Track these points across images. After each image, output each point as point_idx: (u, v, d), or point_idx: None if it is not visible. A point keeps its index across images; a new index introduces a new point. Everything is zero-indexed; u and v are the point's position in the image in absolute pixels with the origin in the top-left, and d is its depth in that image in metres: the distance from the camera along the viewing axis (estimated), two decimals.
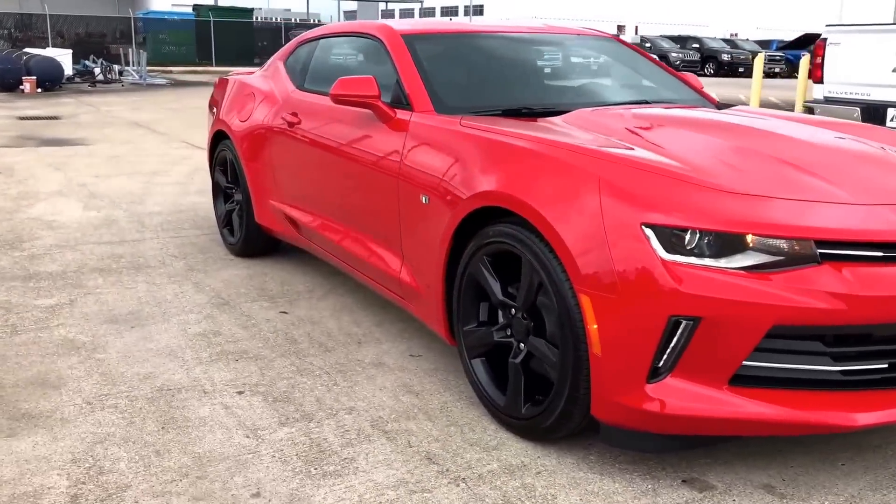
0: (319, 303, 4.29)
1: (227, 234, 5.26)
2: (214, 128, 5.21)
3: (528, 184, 2.69)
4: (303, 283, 4.63)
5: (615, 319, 2.43)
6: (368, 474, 2.62)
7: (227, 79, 5.51)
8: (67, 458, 2.68)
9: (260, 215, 4.81)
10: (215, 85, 5.67)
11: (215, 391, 3.21)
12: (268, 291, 4.48)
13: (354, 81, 3.56)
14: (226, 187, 5.23)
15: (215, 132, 5.21)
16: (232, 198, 5.21)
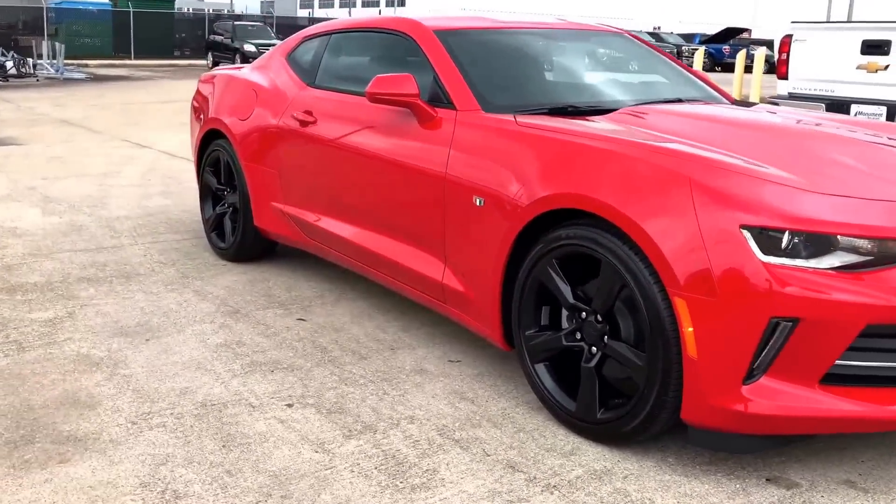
0: (335, 308, 4.21)
1: (216, 239, 5.10)
2: (206, 127, 5.04)
3: (613, 186, 2.68)
4: (309, 289, 4.53)
5: (713, 322, 2.45)
6: (458, 485, 2.58)
7: (215, 74, 5.34)
8: (135, 483, 2.56)
9: (260, 218, 4.68)
10: (200, 81, 5.49)
11: (263, 405, 3.11)
12: (276, 298, 4.36)
13: (393, 80, 3.50)
14: (217, 189, 5.07)
15: (207, 131, 5.04)
16: (222, 200, 5.05)
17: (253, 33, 27.88)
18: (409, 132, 3.58)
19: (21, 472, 2.60)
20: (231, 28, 28.01)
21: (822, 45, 7.41)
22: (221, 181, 5.00)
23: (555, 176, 2.87)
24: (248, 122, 4.64)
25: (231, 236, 4.93)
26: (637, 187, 2.63)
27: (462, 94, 3.48)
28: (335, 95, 4.17)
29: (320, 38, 4.60)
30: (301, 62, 4.65)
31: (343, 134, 3.97)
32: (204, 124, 5.08)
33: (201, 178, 5.18)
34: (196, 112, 5.36)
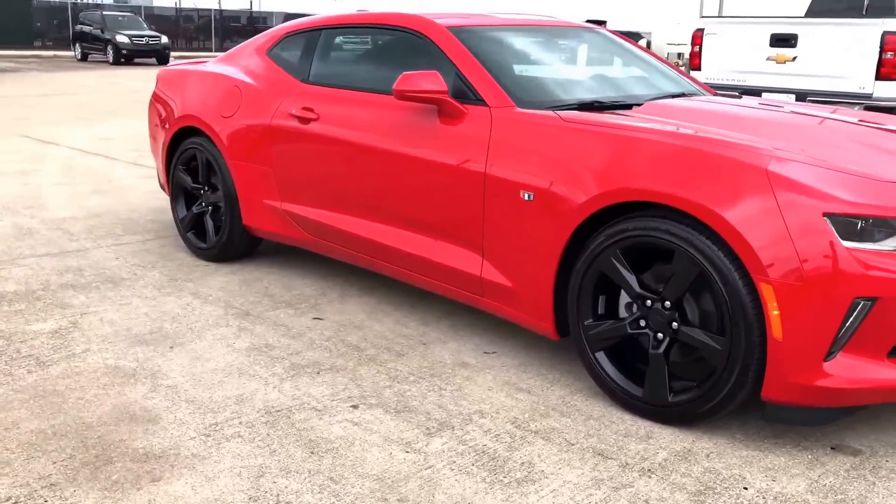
0: (344, 306, 4.13)
1: (194, 239, 4.89)
2: (178, 124, 4.81)
3: (688, 179, 2.76)
4: (308, 287, 4.42)
5: (799, 305, 2.58)
6: (559, 476, 2.61)
7: (179, 70, 5.10)
8: (244, 498, 2.45)
9: (249, 216, 4.52)
10: (162, 77, 5.22)
11: (328, 408, 3.03)
12: (279, 298, 4.24)
13: (420, 76, 3.46)
14: (192, 188, 4.85)
15: (179, 129, 4.81)
16: (199, 200, 4.85)
17: (124, 24, 26.54)
18: (435, 129, 3.55)
19: (116, 493, 2.44)
20: (100, 18, 26.53)
21: (732, 38, 7.79)
22: (198, 180, 4.79)
23: (621, 170, 2.92)
24: (234, 120, 4.46)
25: (213, 236, 4.74)
26: (714, 180, 2.72)
27: (493, 91, 3.48)
28: (340, 92, 4.08)
29: (307, 34, 4.47)
30: (286, 58, 4.51)
31: (355, 131, 3.89)
32: (175, 122, 4.84)
33: (172, 178, 4.95)
34: (159, 109, 5.11)
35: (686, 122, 3.22)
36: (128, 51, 25.40)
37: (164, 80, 5.14)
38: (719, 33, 7.90)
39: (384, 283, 4.46)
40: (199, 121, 4.65)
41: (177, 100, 4.90)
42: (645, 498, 2.50)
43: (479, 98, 3.49)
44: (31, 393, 3.09)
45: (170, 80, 5.08)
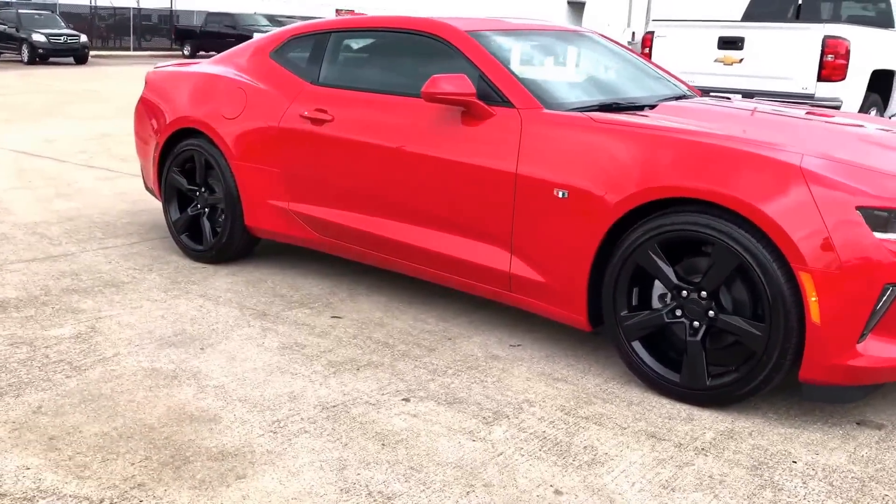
0: (358, 305, 4.21)
1: (188, 241, 4.87)
2: (174, 126, 4.78)
3: (729, 177, 2.96)
4: (314, 287, 4.47)
5: (836, 291, 2.82)
6: (624, 457, 2.78)
7: (173, 72, 5.06)
8: (335, 490, 2.53)
9: (252, 217, 4.54)
10: (150, 81, 5.17)
11: (381, 402, 3.13)
12: (290, 298, 4.28)
13: (448, 79, 3.57)
14: (188, 190, 4.83)
15: (175, 131, 4.79)
16: (193, 202, 4.83)
17: (41, 22, 25.52)
18: (461, 130, 3.67)
19: (207, 491, 2.49)
20: (15, 17, 25.43)
21: (682, 40, 8.15)
22: (195, 182, 4.77)
23: (662, 168, 3.11)
24: (239, 121, 4.48)
25: (211, 237, 4.74)
26: (752, 178, 2.94)
27: (519, 93, 3.63)
28: (355, 94, 4.15)
29: (315, 37, 4.52)
30: (292, 60, 4.55)
31: (374, 132, 3.97)
32: (170, 124, 4.81)
33: (165, 180, 4.91)
34: (149, 111, 5.06)
35: (707, 123, 3.43)
36: (44, 50, 24.43)
37: (155, 83, 5.09)
38: (669, 36, 8.25)
39: (390, 282, 4.56)
40: (199, 122, 4.63)
41: (172, 102, 4.87)
42: (708, 474, 2.69)
43: (506, 100, 3.63)
44: (78, 397, 3.07)
45: (162, 82, 5.04)
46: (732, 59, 7.91)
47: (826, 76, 7.45)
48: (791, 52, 7.61)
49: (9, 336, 3.63)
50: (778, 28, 7.81)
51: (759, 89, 7.35)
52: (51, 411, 2.96)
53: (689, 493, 2.58)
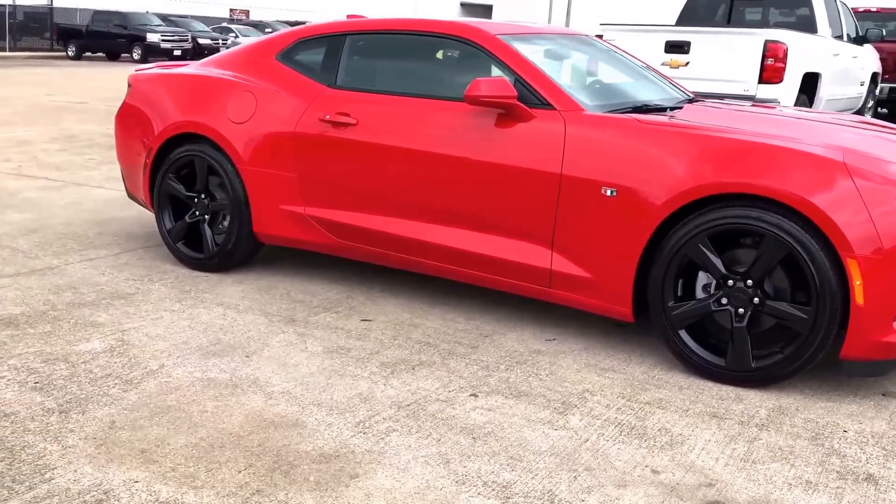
0: (381, 307, 4.31)
1: (186, 250, 4.84)
2: (172, 131, 4.74)
3: (779, 173, 3.24)
4: (328, 291, 4.54)
5: (878, 275, 3.14)
6: (698, 436, 3.01)
7: (164, 75, 5.00)
8: (450, 482, 2.65)
9: (261, 223, 4.57)
10: (135, 84, 5.10)
11: (452, 399, 3.26)
12: (310, 303, 4.35)
13: (490, 83, 3.74)
14: (186, 197, 4.81)
15: (172, 136, 4.76)
16: (190, 209, 4.82)
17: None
18: (498, 132, 3.83)
19: (328, 491, 2.57)
20: None
21: (630, 44, 8.54)
22: (196, 187, 4.76)
23: (713, 166, 3.36)
24: (250, 126, 4.51)
25: (213, 245, 4.73)
26: (800, 173, 3.23)
27: (559, 96, 3.82)
28: (380, 97, 4.24)
29: (327, 39, 4.58)
30: (304, 62, 4.60)
31: (405, 135, 4.08)
32: (166, 129, 4.78)
33: (158, 187, 4.87)
34: (137, 117, 5.00)
35: (738, 124, 3.72)
36: None
37: (143, 86, 5.03)
38: (616, 39, 8.63)
39: (401, 283, 4.67)
40: (201, 126, 4.62)
41: (166, 106, 4.83)
42: (777, 446, 2.96)
43: (546, 102, 3.82)
44: (147, 411, 3.08)
45: (151, 86, 4.98)
46: (679, 63, 8.35)
47: (767, 78, 7.98)
48: (734, 56, 8.11)
49: (38, 353, 3.57)
50: (722, 33, 8.30)
51: (705, 91, 7.80)
52: (127, 425, 2.96)
53: (769, 463, 2.84)
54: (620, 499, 2.59)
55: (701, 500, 2.59)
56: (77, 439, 2.84)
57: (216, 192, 4.74)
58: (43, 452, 2.75)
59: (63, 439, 2.84)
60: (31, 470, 2.64)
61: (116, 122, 5.22)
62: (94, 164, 8.39)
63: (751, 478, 2.74)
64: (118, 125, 5.20)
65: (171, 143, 4.83)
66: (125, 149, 5.15)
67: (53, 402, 3.11)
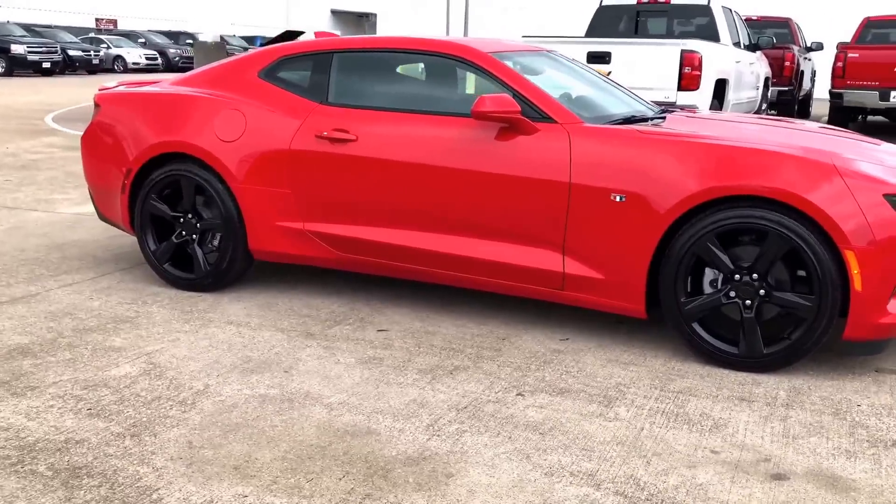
0: (390, 317, 4.46)
1: (174, 271, 4.86)
2: (154, 150, 4.73)
3: (780, 176, 3.62)
4: (330, 304, 4.66)
5: (873, 263, 3.55)
6: (737, 419, 3.34)
7: (138, 94, 4.98)
8: (540, 474, 2.87)
9: (258, 240, 4.65)
10: (105, 104, 5.05)
11: (501, 399, 3.47)
12: (317, 317, 4.45)
13: (495, 99, 3.98)
14: (172, 217, 4.82)
15: (155, 156, 4.76)
16: (176, 229, 4.83)
17: None
18: (501, 145, 4.08)
19: (433, 490, 2.75)
20: None
21: None
22: (183, 207, 4.78)
23: (720, 171, 3.71)
24: (240, 144, 4.58)
25: (206, 264, 4.77)
26: (798, 175, 3.62)
27: (558, 110, 4.10)
28: (378, 114, 4.41)
29: (313, 57, 4.70)
30: (290, 80, 4.71)
31: (409, 150, 4.26)
32: (147, 149, 4.77)
33: (140, 209, 4.86)
34: (110, 136, 4.97)
35: (725, 132, 4.10)
36: None
37: (115, 106, 4.99)
38: None
39: (401, 293, 4.84)
40: (187, 146, 4.65)
41: (144, 125, 4.82)
42: (807, 422, 3.32)
43: (546, 116, 4.09)
44: (217, 430, 3.15)
45: (125, 106, 4.95)
46: (602, 72, 8.81)
47: (685, 86, 8.55)
48: (654, 65, 8.65)
49: (73, 381, 3.56)
50: (641, 44, 8.84)
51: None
52: (206, 444, 3.03)
53: (808, 438, 3.19)
54: (696, 477, 2.87)
55: (765, 474, 2.91)
56: (164, 460, 2.90)
57: (203, 212, 4.77)
58: (138, 475, 2.80)
59: (150, 461, 2.89)
60: (135, 493, 2.69)
61: (84, 144, 5.16)
62: (14, 185, 8.11)
63: (798, 451, 3.08)
64: (87, 146, 5.14)
65: (152, 164, 4.83)
66: (97, 171, 5.10)
67: (119, 427, 3.14)
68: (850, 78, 12.70)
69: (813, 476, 2.90)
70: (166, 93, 4.93)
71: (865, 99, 12.65)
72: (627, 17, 11.11)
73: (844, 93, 12.82)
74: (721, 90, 9.54)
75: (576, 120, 4.08)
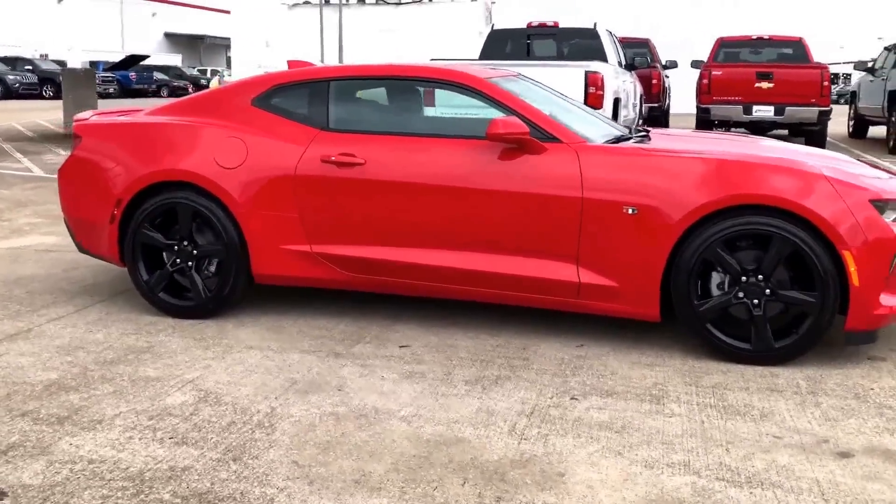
0: (402, 333, 4.55)
1: (169, 299, 4.77)
2: (149, 180, 4.65)
3: (781, 186, 4.01)
4: (339, 323, 4.69)
5: (866, 261, 3.99)
6: (779, 407, 3.67)
7: (122, 123, 4.87)
8: (642, 467, 3.08)
9: (262, 265, 4.64)
10: (87, 134, 4.89)
11: (559, 404, 3.66)
12: (334, 337, 4.49)
13: (507, 122, 4.22)
14: (166, 245, 4.73)
15: (152, 184, 4.67)
16: (170, 257, 4.75)
17: None
18: (515, 163, 4.30)
19: (556, 489, 2.90)
20: None
21: None
22: (180, 235, 4.71)
23: (727, 182, 4.06)
24: (243, 170, 4.59)
25: (205, 291, 4.71)
26: (796, 185, 4.03)
27: (562, 131, 4.38)
28: (384, 138, 4.54)
29: (309, 84, 4.76)
30: (286, 107, 4.76)
31: (419, 171, 4.41)
32: (140, 178, 4.68)
33: (132, 238, 4.75)
34: (96, 167, 4.84)
35: (714, 147, 4.49)
36: None
37: (100, 136, 4.87)
38: None
39: (402, 309, 4.92)
40: (187, 174, 4.62)
41: (135, 155, 4.74)
42: (840, 407, 3.69)
43: (552, 136, 4.35)
44: (313, 449, 3.18)
45: (112, 136, 4.84)
46: None
47: (591, 104, 9.05)
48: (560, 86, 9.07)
49: (133, 411, 3.48)
50: (547, 66, 9.29)
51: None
52: (313, 463, 3.06)
53: (847, 420, 3.55)
54: (776, 460, 3.17)
55: (831, 453, 3.24)
56: (283, 480, 2.92)
57: (198, 238, 4.73)
58: (268, 496, 2.81)
59: (270, 482, 2.91)
60: None
61: (63, 176, 5.01)
62: None
63: (846, 431, 3.44)
64: (66, 179, 5.00)
65: (143, 193, 4.73)
66: (80, 203, 4.95)
67: (214, 453, 3.12)
68: (716, 94, 13.77)
69: (872, 452, 3.25)
70: (156, 122, 4.86)
71: (731, 113, 13.75)
72: (518, 40, 11.60)
73: (711, 108, 13.87)
74: (616, 108, 10.15)
75: (580, 140, 4.36)
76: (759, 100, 13.57)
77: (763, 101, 13.54)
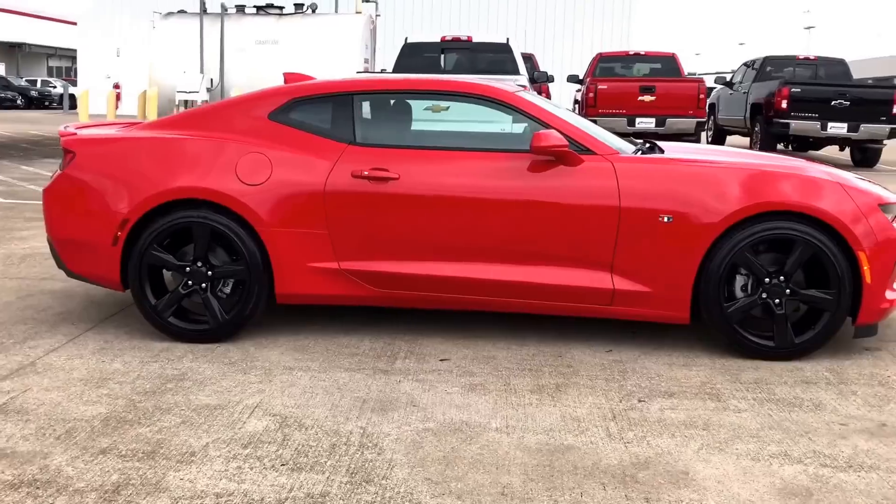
0: (434, 346, 4.57)
1: (179, 323, 4.57)
2: (161, 198, 4.44)
3: (804, 194, 4.36)
4: (366, 339, 4.66)
5: (877, 261, 4.41)
6: (819, 397, 3.97)
7: (127, 139, 4.62)
8: (749, 460, 3.28)
9: (287, 284, 4.54)
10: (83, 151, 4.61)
11: (631, 407, 3.81)
12: (366, 354, 4.45)
13: (547, 135, 4.35)
14: (178, 267, 4.54)
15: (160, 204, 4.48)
16: (182, 280, 4.57)
17: None
18: (552, 175, 4.44)
19: (691, 486, 3.05)
20: None
21: None
22: (193, 256, 4.54)
23: (758, 191, 4.36)
24: (267, 187, 4.48)
25: (222, 314, 4.55)
26: (817, 193, 4.39)
27: (596, 143, 4.56)
28: (418, 153, 4.55)
29: (332, 98, 4.70)
30: (307, 122, 4.67)
31: (455, 185, 4.47)
32: (150, 197, 4.46)
33: (139, 260, 4.53)
34: (94, 186, 4.58)
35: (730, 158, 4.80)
36: None
37: (99, 153, 4.60)
38: None
39: (422, 323, 4.92)
40: (206, 191, 4.45)
41: (144, 172, 4.51)
42: (872, 394, 4.05)
43: (587, 149, 4.52)
44: (437, 465, 3.18)
45: (115, 152, 4.59)
46: (440, 107, 9.32)
47: None
48: None
49: (219, 441, 3.35)
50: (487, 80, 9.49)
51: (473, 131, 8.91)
52: (445, 479, 3.07)
53: (886, 405, 3.91)
54: (858, 445, 3.45)
55: (891, 435, 3.56)
56: (432, 498, 2.92)
57: (213, 259, 4.58)
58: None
59: (421, 500, 2.89)
60: None
61: (51, 196, 4.72)
62: None
63: (893, 415, 3.78)
64: (54, 198, 4.71)
65: (153, 213, 4.53)
66: (71, 224, 4.67)
67: (340, 477, 3.07)
68: (602, 107, 14.46)
69: None
70: (164, 137, 4.66)
71: (616, 125, 14.47)
72: (432, 52, 11.76)
73: (597, 119, 14.52)
74: None
75: (613, 151, 4.55)
76: (641, 112, 14.37)
77: (645, 113, 14.35)
